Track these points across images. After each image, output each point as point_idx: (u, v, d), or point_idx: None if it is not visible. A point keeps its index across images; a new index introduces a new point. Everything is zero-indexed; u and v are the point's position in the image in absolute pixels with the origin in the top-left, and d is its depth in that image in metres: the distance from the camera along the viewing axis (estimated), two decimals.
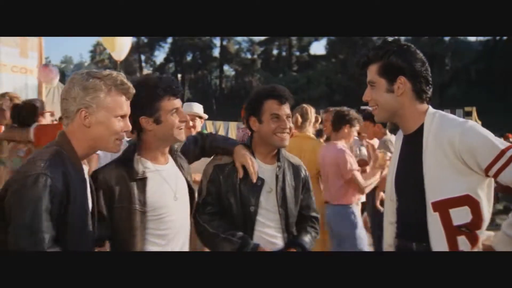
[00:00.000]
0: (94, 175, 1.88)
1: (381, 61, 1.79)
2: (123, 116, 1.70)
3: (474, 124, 1.71)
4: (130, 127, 1.75)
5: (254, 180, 2.15)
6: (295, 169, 2.37)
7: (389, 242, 1.91)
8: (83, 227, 1.63)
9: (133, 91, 1.74)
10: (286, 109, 2.23)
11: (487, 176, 1.67)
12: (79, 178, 1.63)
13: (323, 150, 4.19)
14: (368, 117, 4.74)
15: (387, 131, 4.70)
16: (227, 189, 2.19)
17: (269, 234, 2.20)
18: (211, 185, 2.19)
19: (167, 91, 1.93)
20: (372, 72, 1.82)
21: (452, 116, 1.77)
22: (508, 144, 1.65)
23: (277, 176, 2.25)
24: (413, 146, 1.79)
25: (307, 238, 2.30)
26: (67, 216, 1.55)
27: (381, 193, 4.40)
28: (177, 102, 1.98)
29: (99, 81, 1.64)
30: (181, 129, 1.99)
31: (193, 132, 3.61)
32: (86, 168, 1.74)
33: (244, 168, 2.18)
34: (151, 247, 1.90)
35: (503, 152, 1.61)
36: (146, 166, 1.95)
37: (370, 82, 1.83)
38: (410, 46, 1.80)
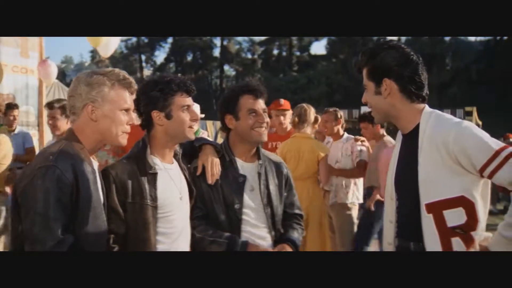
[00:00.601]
0: (105, 172, 1.90)
1: (368, 65, 1.83)
2: (127, 110, 1.77)
3: (469, 124, 1.70)
4: (134, 120, 1.82)
5: (209, 182, 2.13)
6: (277, 167, 2.35)
7: (389, 241, 1.91)
8: (95, 218, 1.68)
9: (135, 86, 1.82)
10: (261, 103, 2.23)
11: (482, 176, 1.67)
12: (89, 171, 1.68)
13: (390, 149, 4.25)
14: (366, 118, 4.73)
15: (384, 132, 4.68)
16: (208, 189, 2.16)
17: (257, 234, 2.18)
18: (193, 187, 2.16)
19: (181, 87, 1.97)
20: (364, 76, 1.86)
21: (448, 116, 1.77)
22: (502, 144, 1.64)
23: (259, 174, 2.23)
24: (409, 145, 1.79)
25: (295, 234, 2.28)
26: (78, 207, 1.60)
27: (377, 196, 4.39)
28: (189, 100, 2.01)
29: (102, 76, 1.73)
30: (191, 128, 2.01)
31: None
32: (96, 164, 1.78)
33: (225, 169, 2.18)
34: (157, 246, 1.91)
35: (497, 153, 1.60)
36: (155, 162, 1.97)
37: (363, 85, 1.88)
38: (396, 47, 1.80)
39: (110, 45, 6.17)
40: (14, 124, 5.36)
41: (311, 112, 4.46)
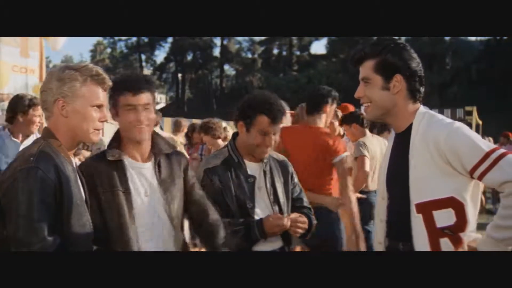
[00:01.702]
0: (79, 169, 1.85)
1: (378, 57, 1.75)
2: (99, 106, 1.72)
3: (461, 125, 1.69)
4: (106, 117, 1.77)
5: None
6: (281, 165, 2.39)
7: (379, 240, 1.91)
8: (80, 216, 1.65)
9: (109, 82, 1.76)
10: (276, 128, 2.22)
11: (472, 178, 1.66)
12: (70, 170, 1.65)
13: None
14: (344, 120, 4.65)
15: (367, 131, 4.54)
16: (221, 191, 2.19)
17: None
18: (204, 190, 2.15)
19: (125, 86, 1.91)
20: (367, 68, 1.78)
21: (440, 116, 1.75)
22: (493, 146, 1.63)
23: (264, 172, 2.27)
24: (402, 145, 1.78)
25: (309, 216, 2.34)
26: (62, 206, 1.58)
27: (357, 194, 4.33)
28: (135, 99, 1.90)
29: (74, 72, 1.68)
30: (139, 126, 1.91)
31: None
32: (74, 161, 1.75)
33: (235, 170, 2.21)
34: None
35: (487, 155, 1.59)
36: (120, 156, 1.93)
37: (364, 78, 1.79)
38: (406, 44, 1.79)
39: (59, 38, 6.30)
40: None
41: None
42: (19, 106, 3.72)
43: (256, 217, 2.19)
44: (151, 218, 1.96)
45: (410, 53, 1.77)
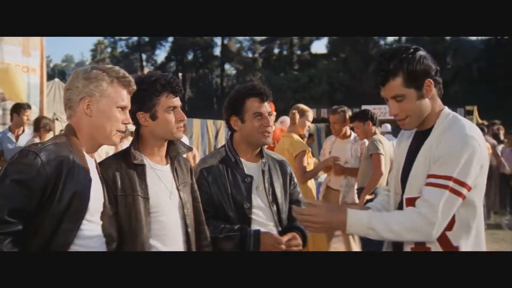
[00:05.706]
0: None
1: (403, 72, 1.70)
2: (123, 108, 1.73)
3: (474, 146, 1.65)
4: (130, 120, 1.78)
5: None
6: (280, 165, 2.38)
7: None
8: (78, 218, 1.59)
9: (134, 85, 1.77)
10: (267, 106, 2.24)
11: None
12: (81, 171, 1.61)
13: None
14: (356, 117, 4.68)
15: (377, 131, 4.62)
16: (217, 191, 2.17)
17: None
18: (199, 191, 2.14)
19: (166, 88, 1.92)
20: (395, 87, 1.73)
21: (462, 123, 1.72)
22: (463, 180, 1.62)
23: (263, 172, 2.26)
24: (419, 142, 1.79)
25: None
26: (54, 204, 1.52)
27: (367, 196, 4.35)
28: (175, 101, 1.95)
29: (102, 72, 1.70)
30: (179, 128, 1.96)
31: None
32: (92, 161, 1.73)
33: (231, 170, 2.20)
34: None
35: (449, 178, 1.61)
36: (141, 159, 1.92)
37: (396, 97, 1.74)
38: (418, 47, 1.76)
39: None
40: (25, 125, 5.50)
41: (296, 111, 4.51)
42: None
43: (254, 217, 2.18)
44: (175, 227, 1.95)
45: (425, 54, 1.75)
